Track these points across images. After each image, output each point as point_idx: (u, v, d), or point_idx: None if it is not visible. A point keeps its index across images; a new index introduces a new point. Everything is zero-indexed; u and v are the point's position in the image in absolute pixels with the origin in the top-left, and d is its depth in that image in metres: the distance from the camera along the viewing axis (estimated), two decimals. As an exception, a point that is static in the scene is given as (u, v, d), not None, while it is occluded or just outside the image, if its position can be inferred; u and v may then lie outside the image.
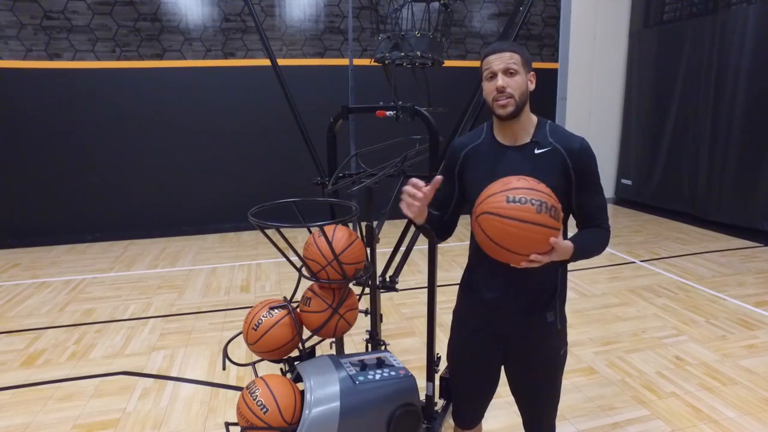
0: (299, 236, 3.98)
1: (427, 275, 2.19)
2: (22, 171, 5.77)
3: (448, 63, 2.69)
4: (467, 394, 1.66)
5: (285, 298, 1.77)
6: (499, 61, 1.35)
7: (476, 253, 1.48)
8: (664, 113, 6.89)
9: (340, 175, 2.18)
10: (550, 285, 1.48)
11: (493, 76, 1.36)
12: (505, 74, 1.35)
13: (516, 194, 1.21)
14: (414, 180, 1.37)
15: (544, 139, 1.41)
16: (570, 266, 1.50)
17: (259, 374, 1.60)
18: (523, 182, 1.24)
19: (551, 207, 1.21)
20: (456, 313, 1.64)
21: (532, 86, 1.40)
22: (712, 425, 2.42)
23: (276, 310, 1.69)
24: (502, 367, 1.60)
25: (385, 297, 4.01)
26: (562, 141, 1.40)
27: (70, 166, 5.90)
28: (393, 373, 1.57)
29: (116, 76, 5.88)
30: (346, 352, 1.86)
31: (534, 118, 1.45)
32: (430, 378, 2.23)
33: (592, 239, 1.43)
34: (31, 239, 5.90)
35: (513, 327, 1.49)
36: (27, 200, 5.84)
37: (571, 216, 1.49)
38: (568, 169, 1.38)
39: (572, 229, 1.45)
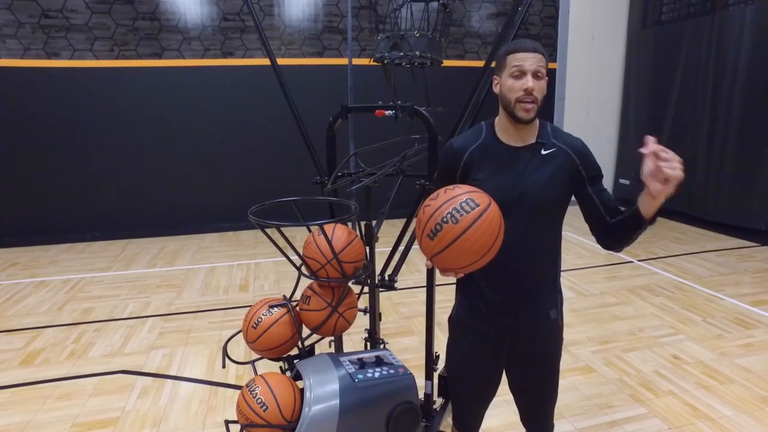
0: (298, 235, 3.96)
1: (426, 274, 2.20)
2: (21, 170, 5.77)
3: (446, 63, 2.70)
4: (471, 400, 1.65)
5: (284, 296, 1.78)
6: (531, 61, 1.33)
7: None
8: (661, 113, 6.91)
9: (340, 174, 2.18)
10: (549, 282, 1.49)
11: (522, 74, 1.33)
12: (534, 76, 1.33)
13: (430, 227, 1.20)
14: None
15: (548, 139, 1.43)
16: (568, 266, 1.51)
17: (259, 372, 1.60)
18: (425, 213, 1.23)
19: (460, 207, 1.19)
20: (456, 319, 1.61)
21: (545, 92, 1.40)
22: (709, 423, 2.43)
23: (276, 309, 1.70)
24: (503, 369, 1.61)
25: (384, 296, 4.02)
26: (565, 141, 1.43)
27: (69, 165, 5.89)
28: (392, 371, 1.58)
29: (115, 76, 5.87)
30: (345, 350, 1.87)
31: (537, 120, 1.45)
32: (428, 376, 2.23)
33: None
34: (30, 238, 5.89)
35: (519, 327, 1.49)
36: (25, 199, 5.84)
37: (568, 219, 1.50)
38: (577, 167, 1.41)
39: (569, 230, 1.46)
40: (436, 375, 2.34)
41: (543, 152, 1.41)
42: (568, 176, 1.40)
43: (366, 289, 2.19)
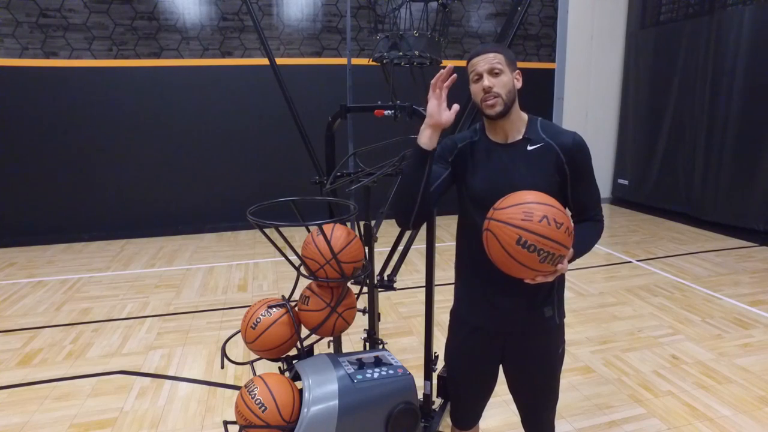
0: (297, 235, 3.99)
1: (425, 274, 2.20)
2: (18, 170, 5.75)
3: (445, 62, 2.70)
4: (467, 394, 1.65)
5: (283, 296, 1.77)
6: (483, 62, 1.37)
7: (473, 253, 1.48)
8: (660, 113, 6.92)
9: (339, 174, 2.18)
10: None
11: (479, 77, 1.38)
12: (491, 74, 1.37)
13: (528, 238, 1.18)
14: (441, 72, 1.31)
15: (536, 135, 1.42)
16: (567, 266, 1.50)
17: (257, 373, 1.60)
18: (544, 225, 1.18)
19: (557, 257, 1.21)
20: (454, 312, 1.63)
21: (518, 84, 1.41)
22: (707, 423, 2.44)
23: (274, 309, 1.69)
24: (500, 366, 1.61)
25: (382, 296, 4.01)
26: (554, 137, 1.41)
27: (67, 164, 5.88)
28: (391, 371, 1.58)
29: (113, 75, 5.86)
30: (344, 351, 1.87)
31: (524, 116, 1.46)
32: (427, 377, 2.23)
33: (587, 235, 1.44)
34: (28, 238, 5.87)
35: (513, 323, 1.49)
36: (23, 199, 5.82)
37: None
38: (562, 165, 1.39)
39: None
40: (435, 375, 2.34)
41: (529, 148, 1.41)
42: (554, 172, 1.40)
43: (365, 289, 2.18)
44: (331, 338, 1.96)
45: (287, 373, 1.72)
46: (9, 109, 5.62)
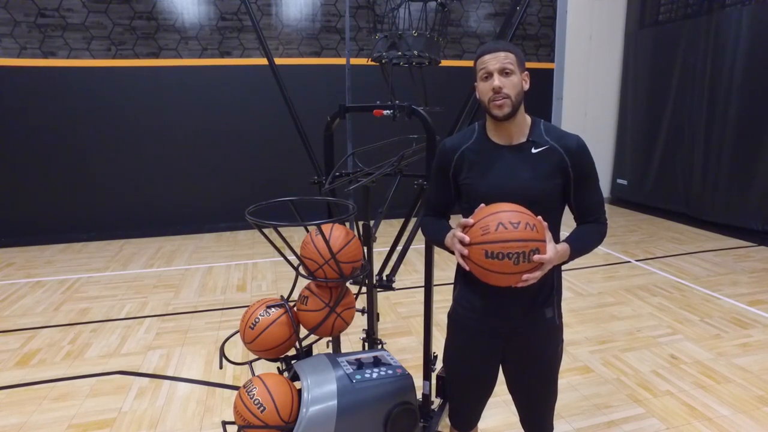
0: (296, 235, 3.99)
1: (424, 274, 2.20)
2: (17, 170, 5.74)
3: (444, 62, 2.70)
4: (467, 396, 1.64)
5: (282, 296, 1.77)
6: (494, 60, 1.35)
7: None
8: (659, 113, 6.93)
9: (337, 174, 2.18)
10: (547, 281, 1.48)
11: (489, 76, 1.36)
12: (501, 74, 1.35)
13: (493, 249, 1.22)
14: (463, 221, 1.33)
15: (540, 138, 1.42)
16: (566, 265, 1.50)
17: (256, 373, 1.60)
18: (500, 232, 1.22)
19: (530, 252, 1.22)
20: (452, 315, 1.61)
21: (526, 86, 1.40)
22: (706, 423, 2.44)
23: (273, 309, 1.69)
24: (500, 367, 1.61)
25: (381, 296, 4.01)
26: (558, 139, 1.41)
27: (65, 164, 5.87)
28: (390, 371, 1.58)
29: (111, 75, 5.86)
30: (343, 351, 1.86)
31: (528, 118, 1.45)
32: (426, 377, 2.23)
33: (588, 235, 1.45)
34: (26, 238, 5.86)
35: (513, 325, 1.49)
36: (22, 199, 5.81)
37: (563, 212, 1.50)
38: (566, 167, 1.40)
39: (565, 225, 1.45)
40: (434, 375, 2.34)
41: (533, 151, 1.41)
42: (558, 174, 1.40)
43: (364, 289, 2.18)
44: (330, 338, 1.95)
45: (286, 374, 1.72)
46: (7, 109, 5.61)
